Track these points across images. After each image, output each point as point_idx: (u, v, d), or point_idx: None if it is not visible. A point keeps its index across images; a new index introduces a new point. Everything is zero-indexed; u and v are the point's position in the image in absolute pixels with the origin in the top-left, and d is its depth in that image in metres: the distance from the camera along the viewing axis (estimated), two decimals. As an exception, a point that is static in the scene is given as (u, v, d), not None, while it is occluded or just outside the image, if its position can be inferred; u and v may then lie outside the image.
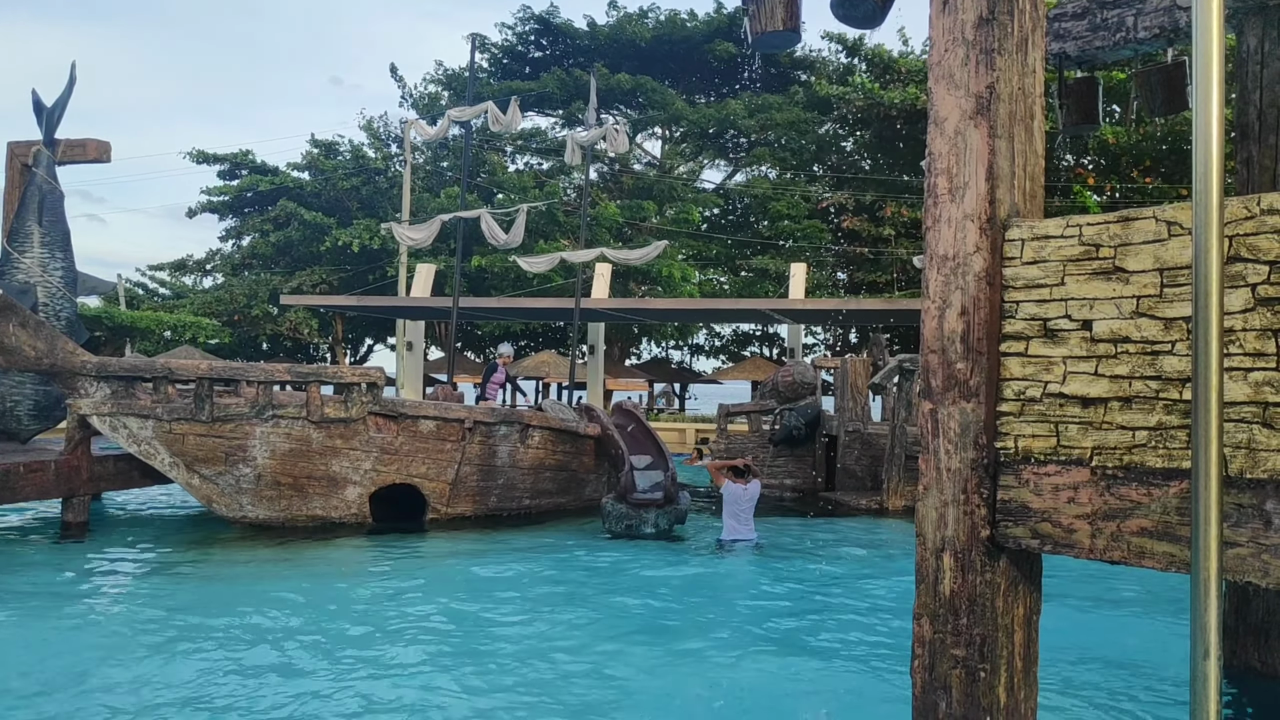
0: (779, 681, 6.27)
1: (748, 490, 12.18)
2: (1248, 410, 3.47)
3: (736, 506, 11.96)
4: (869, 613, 8.28)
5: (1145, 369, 3.75)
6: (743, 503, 12.06)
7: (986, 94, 4.19)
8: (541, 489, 13.81)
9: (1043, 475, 4.08)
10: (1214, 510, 2.80)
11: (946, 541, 4.31)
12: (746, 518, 12.11)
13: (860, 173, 36.09)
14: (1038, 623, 4.46)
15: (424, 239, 22.15)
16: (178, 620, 7.41)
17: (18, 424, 12.80)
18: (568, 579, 9.49)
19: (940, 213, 4.35)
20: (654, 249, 23.00)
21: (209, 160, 41.38)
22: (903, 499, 14.35)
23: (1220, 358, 2.83)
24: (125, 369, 11.18)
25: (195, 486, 11.48)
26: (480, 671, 6.30)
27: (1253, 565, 3.47)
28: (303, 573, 9.43)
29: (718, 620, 7.97)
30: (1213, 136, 2.76)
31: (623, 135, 22.01)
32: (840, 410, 16.66)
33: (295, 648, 6.77)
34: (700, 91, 44.92)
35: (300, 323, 37.44)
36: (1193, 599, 2.82)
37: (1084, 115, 7.36)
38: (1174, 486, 3.65)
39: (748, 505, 12.13)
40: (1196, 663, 2.80)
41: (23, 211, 13.11)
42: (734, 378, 37.68)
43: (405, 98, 44.38)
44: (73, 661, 6.31)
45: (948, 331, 4.30)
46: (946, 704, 4.31)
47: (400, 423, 12.19)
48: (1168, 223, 3.71)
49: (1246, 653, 6.11)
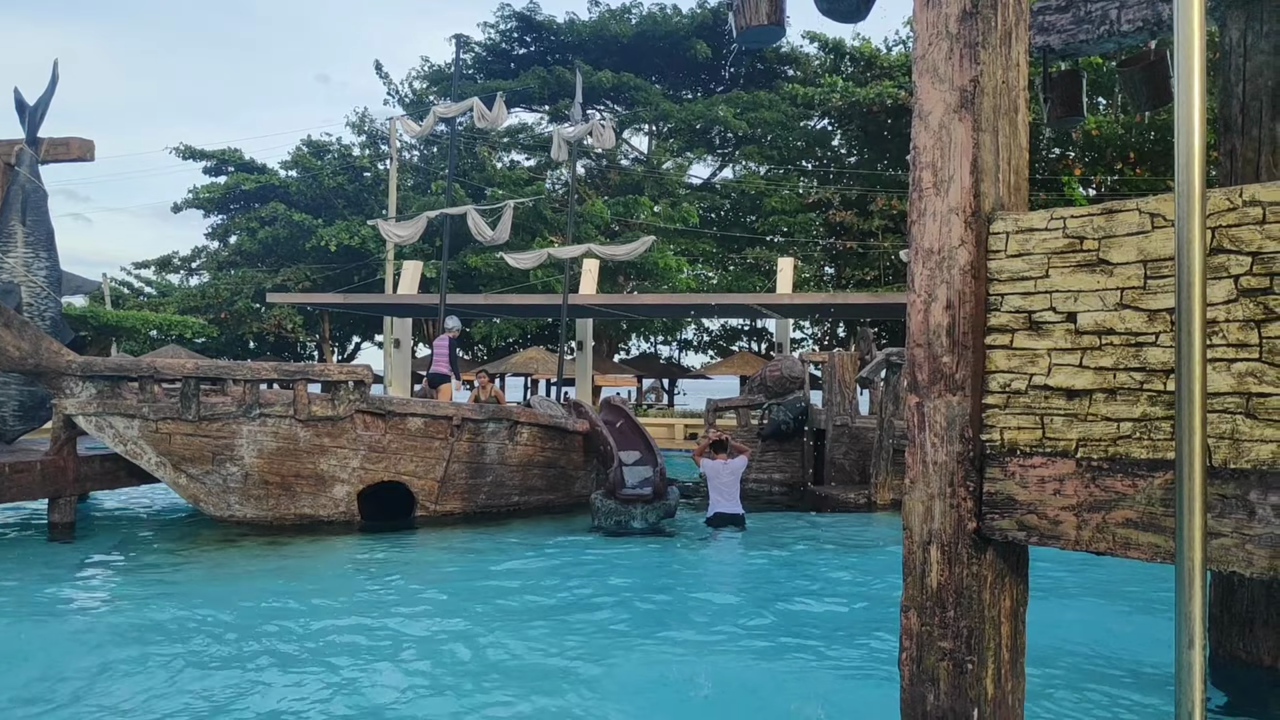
0: (766, 673, 6.28)
1: (728, 465, 12.33)
2: (1231, 401, 3.49)
3: (718, 480, 12.20)
4: (857, 605, 8.30)
5: (1129, 360, 3.76)
6: (724, 476, 12.25)
7: (971, 88, 4.20)
8: (530, 486, 13.80)
9: (1028, 467, 4.09)
10: (1198, 501, 2.82)
11: (933, 534, 4.33)
12: (730, 492, 12.26)
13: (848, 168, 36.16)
14: (1025, 614, 4.48)
15: (410, 236, 22.11)
16: (168, 620, 7.38)
17: (2, 425, 12.73)
18: (557, 574, 9.48)
19: (925, 206, 4.36)
20: (641, 244, 22.99)
21: (195, 156, 41.17)
22: (891, 492, 14.39)
23: (1203, 348, 2.84)
24: (110, 369, 11.13)
25: (182, 486, 11.44)
26: (468, 665, 6.30)
27: (1237, 555, 3.49)
28: (292, 571, 9.40)
29: (706, 612, 7.98)
30: (1195, 129, 2.77)
31: (609, 130, 22.00)
32: (828, 405, 16.69)
33: (286, 645, 6.75)
34: (686, 87, 44.89)
35: (285, 318, 37.34)
36: (1177, 589, 2.84)
37: (1069, 108, 7.38)
38: (1159, 478, 3.67)
39: (730, 479, 12.27)
40: (1181, 652, 2.81)
41: (6, 211, 13.03)
42: (722, 373, 37.74)
43: (391, 95, 44.29)
44: (65, 662, 6.28)
45: (933, 325, 4.32)
46: (934, 696, 4.32)
47: (388, 420, 12.16)
48: (1151, 214, 3.72)
49: (1231, 642, 6.14)
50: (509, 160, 42.79)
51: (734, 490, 12.43)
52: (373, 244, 34.50)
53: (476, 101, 20.33)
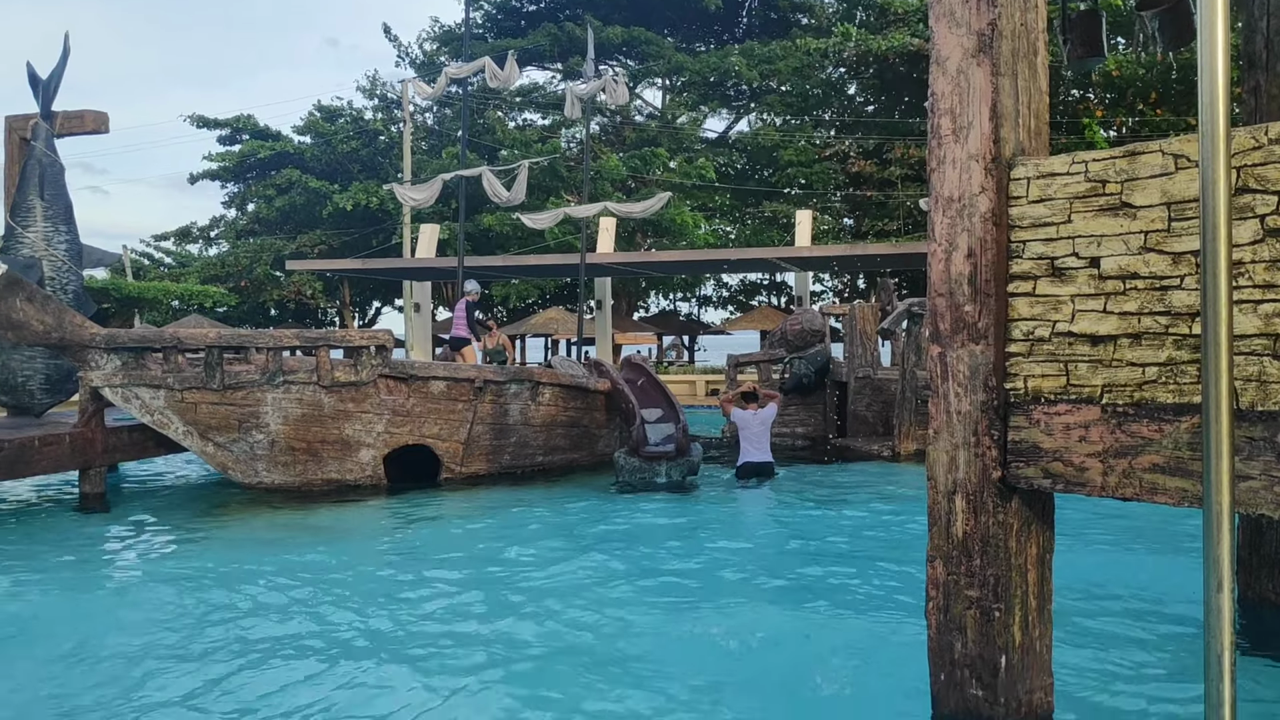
0: (793, 625, 6.32)
1: (758, 415, 12.37)
2: (1258, 343, 3.45)
3: (748, 430, 12.29)
4: (883, 556, 8.33)
5: (1154, 305, 3.72)
6: (754, 426, 12.32)
7: (988, 31, 4.13)
8: (554, 445, 13.87)
9: (1053, 415, 4.07)
10: (1225, 444, 2.79)
11: (958, 484, 4.32)
12: (761, 442, 12.33)
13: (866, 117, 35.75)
14: (1051, 561, 4.48)
15: (426, 199, 22.09)
16: (208, 585, 7.50)
17: (30, 398, 12.87)
18: (583, 533, 9.56)
19: (944, 154, 4.31)
20: (658, 200, 22.88)
21: (209, 125, 41.14)
22: (914, 443, 14.38)
23: (1229, 290, 2.80)
24: (134, 340, 11.21)
25: (210, 454, 11.56)
26: (498, 625, 6.37)
27: (1265, 498, 3.47)
28: (323, 534, 9.53)
29: (732, 566, 8.03)
30: (1218, 66, 2.72)
31: (622, 86, 21.84)
32: (850, 357, 16.65)
33: (325, 606, 6.85)
34: (699, 39, 44.38)
35: (304, 284, 37.47)
36: (1205, 532, 2.82)
37: (1089, 48, 7.25)
38: (1185, 421, 3.64)
39: (760, 429, 12.33)
40: (1210, 595, 2.80)
41: (24, 185, 13.08)
42: (742, 328, 37.68)
43: (402, 57, 44.03)
44: (104, 628, 6.39)
45: (955, 274, 4.28)
46: (962, 644, 4.34)
47: (411, 384, 12.22)
48: (1174, 156, 3.66)
49: (1260, 584, 6.13)
50: (521, 119, 42.55)
51: (764, 440, 12.48)
52: (390, 204, 34.52)
53: (488, 61, 20.20)
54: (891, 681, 5.11)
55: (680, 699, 5.05)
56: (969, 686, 4.32)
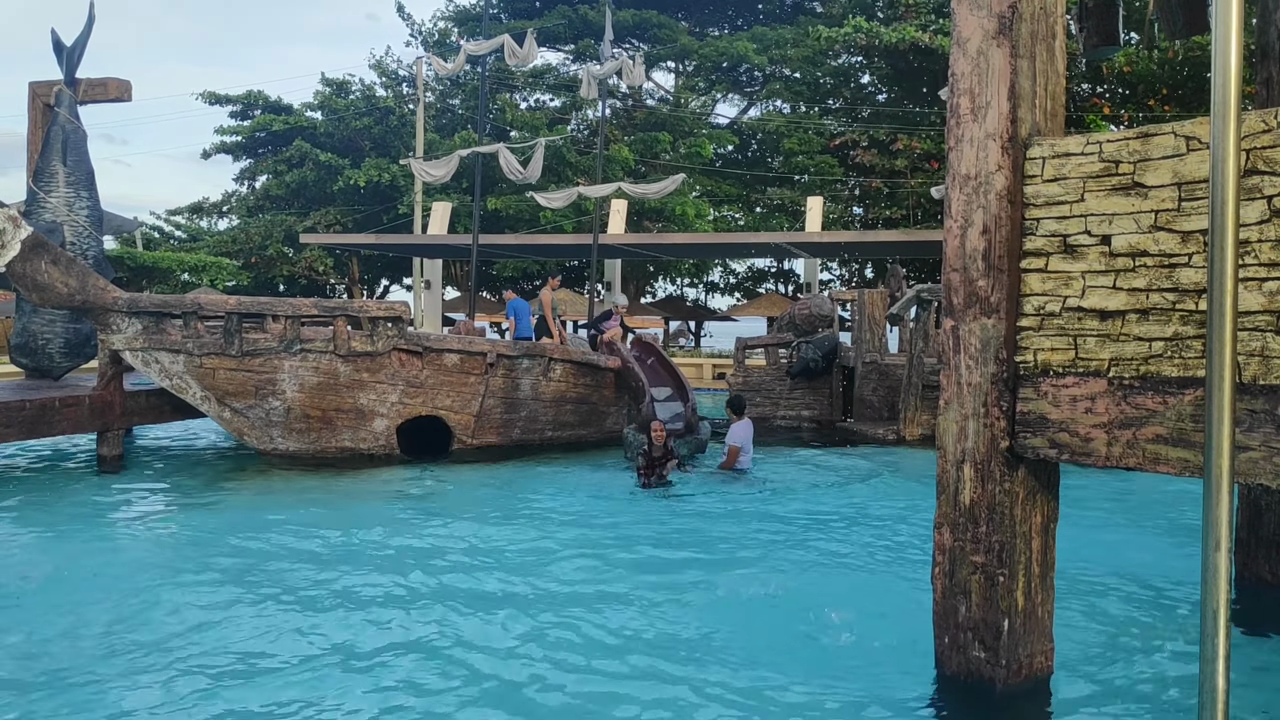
0: (801, 591, 6.48)
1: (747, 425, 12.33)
2: (1262, 319, 3.59)
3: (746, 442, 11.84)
4: (887, 530, 8.49)
5: (1162, 281, 3.86)
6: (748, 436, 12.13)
7: (1009, 14, 4.26)
8: (564, 421, 14.03)
9: (1061, 387, 4.22)
10: (1227, 412, 2.90)
11: (967, 453, 4.47)
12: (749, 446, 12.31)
13: (875, 106, 35.71)
14: (1055, 530, 4.63)
15: (443, 175, 22.21)
16: (225, 547, 7.68)
17: (50, 361, 13.05)
18: (591, 507, 9.72)
19: (963, 132, 4.44)
20: (671, 182, 22.97)
21: (220, 102, 41.17)
22: (919, 428, 14.51)
23: (1235, 267, 2.93)
24: (155, 305, 11.36)
25: (227, 420, 11.73)
26: (506, 596, 6.54)
27: (1265, 468, 3.62)
28: (337, 500, 9.71)
29: (739, 539, 8.19)
30: (1231, 46, 2.84)
31: (639, 66, 21.93)
32: (857, 342, 16.78)
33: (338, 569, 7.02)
34: (713, 24, 44.31)
35: (315, 260, 37.60)
36: (1205, 495, 2.95)
37: (1105, 37, 7.35)
38: (1189, 394, 3.79)
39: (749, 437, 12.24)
40: (1208, 555, 2.93)
41: (47, 151, 13.22)
42: (749, 314, 37.73)
43: (414, 35, 44.01)
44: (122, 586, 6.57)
45: (969, 249, 4.42)
46: (966, 608, 4.50)
47: (425, 357, 12.38)
48: (1186, 138, 3.80)
49: (1258, 564, 6.28)
50: (534, 100, 42.53)
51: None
52: (403, 180, 34.59)
53: (508, 39, 20.30)
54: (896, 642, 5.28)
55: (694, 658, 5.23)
56: (972, 649, 4.48)
